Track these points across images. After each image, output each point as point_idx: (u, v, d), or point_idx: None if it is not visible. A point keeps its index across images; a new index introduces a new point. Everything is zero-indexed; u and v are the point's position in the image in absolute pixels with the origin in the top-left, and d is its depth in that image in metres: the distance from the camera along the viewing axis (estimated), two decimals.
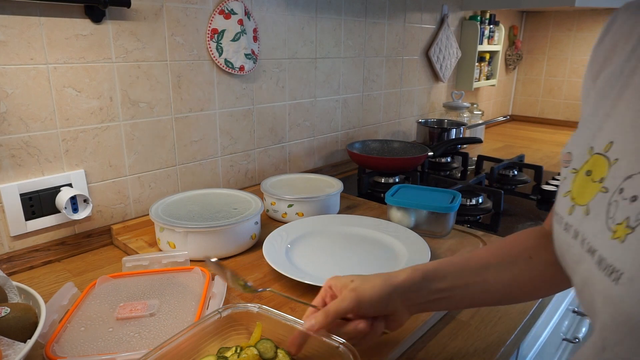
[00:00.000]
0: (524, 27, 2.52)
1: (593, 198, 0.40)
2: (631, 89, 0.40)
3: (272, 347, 0.54)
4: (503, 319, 0.70)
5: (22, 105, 0.81)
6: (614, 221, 0.37)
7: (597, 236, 0.39)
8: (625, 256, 0.35)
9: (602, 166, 0.40)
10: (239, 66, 1.13)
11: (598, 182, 0.40)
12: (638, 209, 0.35)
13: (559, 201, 0.46)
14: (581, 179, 0.43)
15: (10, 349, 0.51)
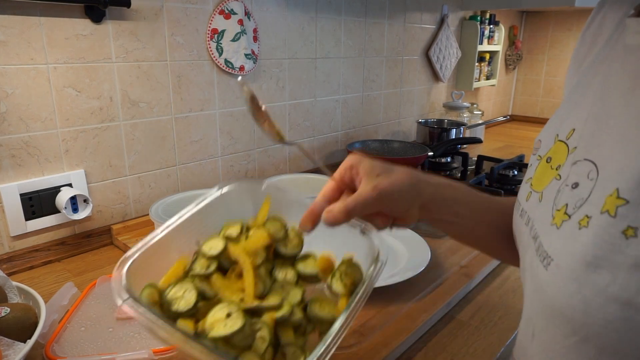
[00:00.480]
0: (524, 27, 2.52)
1: (548, 185, 0.40)
2: (599, 77, 0.40)
3: (282, 226, 0.49)
4: (503, 319, 0.70)
5: (22, 105, 0.81)
6: (556, 207, 0.37)
7: (542, 223, 0.38)
8: (557, 242, 0.35)
9: (562, 153, 0.40)
10: (239, 66, 1.13)
11: (555, 169, 0.39)
12: (577, 196, 0.35)
13: (521, 188, 0.45)
14: (542, 165, 0.42)
15: (10, 349, 0.51)
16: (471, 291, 0.78)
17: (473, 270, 0.80)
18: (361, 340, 0.61)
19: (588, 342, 0.33)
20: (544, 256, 0.36)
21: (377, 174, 0.47)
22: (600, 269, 0.31)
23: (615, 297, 0.30)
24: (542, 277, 0.36)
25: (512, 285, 0.80)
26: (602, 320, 0.31)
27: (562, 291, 0.33)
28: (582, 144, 0.37)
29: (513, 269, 0.86)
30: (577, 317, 0.32)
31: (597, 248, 0.31)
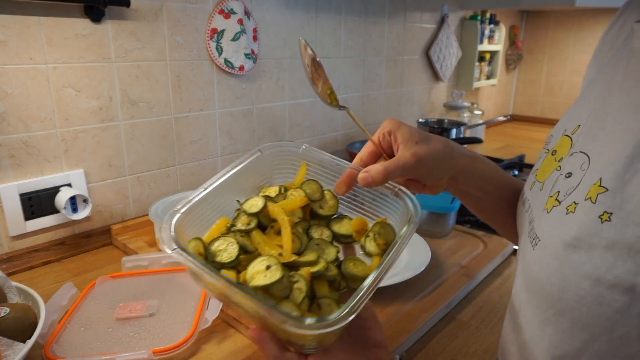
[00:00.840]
0: (524, 26, 2.52)
1: (550, 175, 0.42)
2: (607, 77, 0.42)
3: (318, 188, 0.51)
4: (503, 319, 0.70)
5: (22, 105, 0.81)
6: (550, 194, 0.40)
7: (537, 208, 0.42)
8: (545, 225, 0.38)
9: (565, 147, 0.42)
10: (238, 66, 1.13)
11: (557, 161, 0.42)
12: (569, 184, 0.37)
13: (528, 178, 0.48)
14: (548, 158, 0.45)
15: (9, 349, 0.51)
16: (471, 291, 0.78)
17: (473, 270, 0.80)
18: None
19: (563, 316, 0.36)
20: (533, 237, 0.40)
21: (416, 141, 0.50)
22: (578, 249, 0.34)
23: (588, 275, 0.33)
24: (529, 256, 0.40)
25: (512, 285, 0.80)
26: (576, 296, 0.34)
27: (544, 268, 0.37)
28: (581, 138, 0.40)
29: (513, 269, 0.86)
30: (555, 292, 0.36)
31: (578, 230, 0.34)
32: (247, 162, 0.54)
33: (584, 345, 0.35)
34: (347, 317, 0.37)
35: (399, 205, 0.50)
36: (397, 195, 0.51)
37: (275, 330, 0.42)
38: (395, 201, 0.51)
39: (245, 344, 0.63)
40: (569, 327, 0.35)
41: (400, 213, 0.50)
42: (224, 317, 0.68)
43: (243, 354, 0.61)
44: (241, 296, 0.38)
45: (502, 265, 0.87)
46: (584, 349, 0.35)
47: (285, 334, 0.40)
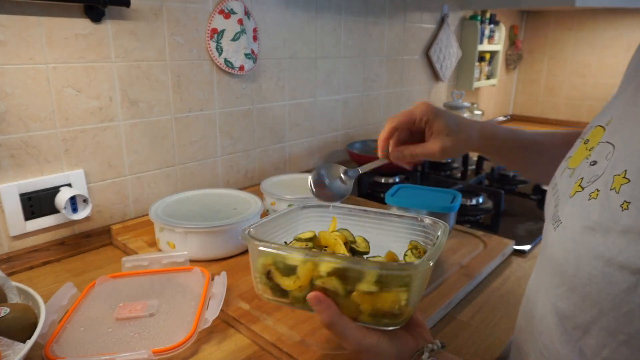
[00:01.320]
0: (524, 26, 2.52)
1: (580, 163, 0.45)
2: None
3: (350, 234, 0.58)
4: (503, 319, 0.70)
5: (22, 105, 0.81)
6: (575, 180, 0.43)
7: (564, 194, 0.44)
8: (568, 209, 0.42)
9: (597, 137, 0.44)
10: (238, 66, 1.13)
11: (589, 150, 0.44)
12: (593, 172, 0.40)
13: (560, 165, 0.51)
14: (581, 147, 0.47)
15: (9, 349, 0.51)
16: (471, 291, 0.78)
17: (473, 270, 0.80)
18: None
19: (575, 292, 0.39)
20: (556, 220, 0.43)
21: (447, 133, 0.59)
22: (595, 232, 0.37)
23: (601, 256, 0.36)
24: (550, 237, 0.43)
25: (513, 285, 0.80)
26: (588, 274, 0.37)
27: (562, 248, 0.40)
28: (611, 129, 0.42)
29: (513, 269, 0.86)
30: (569, 270, 0.39)
31: (598, 216, 0.37)
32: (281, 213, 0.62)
33: (592, 319, 0.38)
34: (427, 263, 0.44)
35: (424, 229, 0.59)
36: (422, 220, 0.59)
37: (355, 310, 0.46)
38: (420, 226, 0.59)
39: (245, 344, 0.63)
40: (579, 301, 0.39)
41: (426, 234, 0.59)
42: (224, 317, 0.68)
43: (243, 354, 0.61)
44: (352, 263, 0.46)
45: (502, 265, 0.87)
46: (593, 323, 0.38)
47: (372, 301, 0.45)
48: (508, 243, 0.91)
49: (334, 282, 0.46)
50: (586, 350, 0.40)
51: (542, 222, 1.11)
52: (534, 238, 0.98)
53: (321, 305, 0.45)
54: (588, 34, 2.32)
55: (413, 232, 0.59)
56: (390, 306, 0.45)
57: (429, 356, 0.44)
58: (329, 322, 0.45)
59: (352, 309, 0.47)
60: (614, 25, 2.23)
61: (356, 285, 0.46)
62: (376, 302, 0.45)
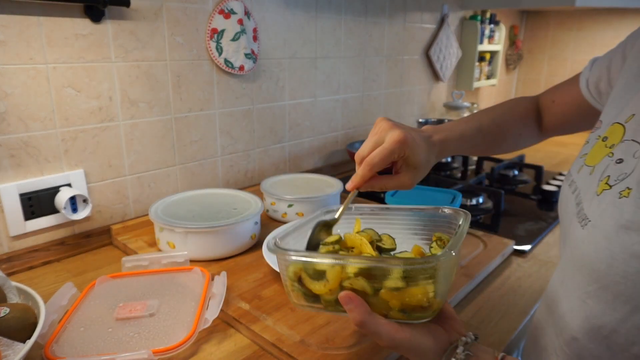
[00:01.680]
0: (524, 26, 2.52)
1: (601, 161, 0.45)
2: None
3: (374, 233, 0.59)
4: (503, 319, 0.70)
5: (22, 105, 0.81)
6: (600, 179, 0.43)
7: (587, 191, 0.45)
8: (596, 207, 0.42)
9: (618, 134, 0.45)
10: (238, 66, 1.13)
11: (609, 148, 0.45)
12: (620, 170, 0.41)
13: (576, 162, 0.52)
14: (598, 144, 0.48)
15: (9, 349, 0.51)
16: (471, 291, 0.78)
17: (473, 270, 0.80)
18: (361, 340, 0.60)
19: (606, 290, 0.39)
20: (583, 217, 0.43)
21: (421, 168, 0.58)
22: (631, 231, 0.37)
23: (637, 254, 0.36)
24: (578, 235, 0.43)
25: (512, 285, 0.80)
26: (623, 272, 0.37)
27: (593, 246, 0.40)
28: (634, 127, 0.43)
29: (513, 269, 0.86)
30: (602, 268, 0.39)
31: (633, 214, 0.37)
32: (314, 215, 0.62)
33: (624, 316, 0.38)
34: (450, 254, 0.44)
35: (446, 219, 0.59)
36: (443, 211, 0.59)
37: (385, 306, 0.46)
38: (442, 217, 0.60)
39: (245, 344, 0.63)
40: (612, 299, 0.39)
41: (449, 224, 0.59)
42: (224, 317, 0.68)
43: (243, 354, 0.61)
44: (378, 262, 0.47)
45: (502, 265, 0.87)
46: (624, 320, 0.38)
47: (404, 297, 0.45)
48: (508, 243, 0.91)
49: (361, 282, 0.47)
50: (614, 347, 0.40)
51: (542, 222, 1.11)
52: (534, 238, 0.98)
53: (352, 303, 0.45)
54: (588, 34, 2.32)
55: (435, 224, 0.60)
56: (419, 300, 0.46)
57: (464, 350, 0.44)
58: (361, 321, 0.45)
59: (382, 306, 0.47)
60: (614, 25, 2.23)
61: (383, 283, 0.46)
62: (404, 297, 0.46)
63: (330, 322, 0.64)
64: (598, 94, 0.61)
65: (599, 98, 0.61)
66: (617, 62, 0.57)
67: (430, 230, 0.59)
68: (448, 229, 0.58)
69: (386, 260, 0.49)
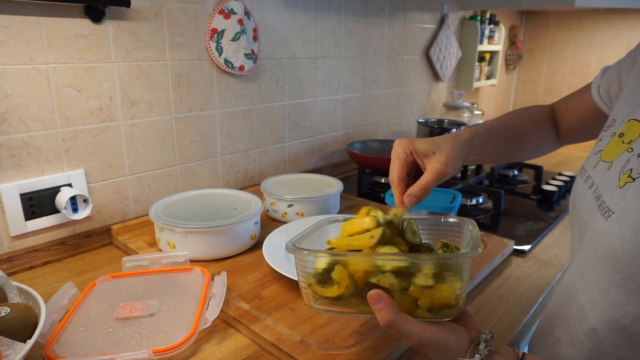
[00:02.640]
0: (524, 27, 2.52)
1: (618, 157, 0.46)
2: None
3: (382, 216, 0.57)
4: (503, 319, 0.70)
5: (22, 105, 0.81)
6: (622, 172, 0.44)
7: (607, 185, 0.45)
8: (620, 199, 0.43)
9: (635, 130, 0.46)
10: (238, 66, 1.13)
11: (627, 144, 0.46)
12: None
13: (589, 158, 0.52)
14: (615, 140, 0.48)
15: (10, 349, 0.51)
16: (471, 291, 0.78)
17: (473, 270, 0.80)
18: (361, 340, 0.61)
19: (632, 280, 0.40)
20: (605, 210, 0.44)
21: (433, 152, 0.59)
22: None
23: None
24: (601, 227, 0.44)
25: (512, 285, 0.80)
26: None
27: (619, 237, 0.41)
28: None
29: (513, 269, 0.86)
30: (627, 258, 0.40)
31: None
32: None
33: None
34: (477, 250, 0.46)
35: (450, 227, 0.60)
36: (446, 219, 0.60)
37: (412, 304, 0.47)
38: (445, 225, 0.60)
39: (245, 344, 0.63)
40: (636, 289, 0.40)
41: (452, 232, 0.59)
42: (224, 317, 0.68)
43: (243, 354, 0.61)
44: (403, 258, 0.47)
45: (502, 265, 0.87)
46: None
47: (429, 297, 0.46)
48: (508, 243, 0.91)
49: (389, 279, 0.46)
50: (634, 337, 0.41)
51: (541, 222, 1.11)
52: (534, 238, 0.98)
53: (381, 302, 0.45)
54: (588, 34, 2.32)
55: (439, 232, 0.60)
56: (447, 297, 0.46)
57: (485, 346, 0.45)
58: (390, 320, 0.44)
59: (408, 304, 0.47)
60: (614, 25, 2.23)
61: (412, 280, 0.46)
62: (434, 295, 0.46)
63: (330, 322, 0.65)
64: (609, 99, 0.63)
65: (610, 104, 0.63)
66: (627, 67, 0.58)
67: (434, 239, 0.60)
68: (451, 236, 0.58)
69: (418, 256, 0.48)
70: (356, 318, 0.65)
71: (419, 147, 0.59)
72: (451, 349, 0.45)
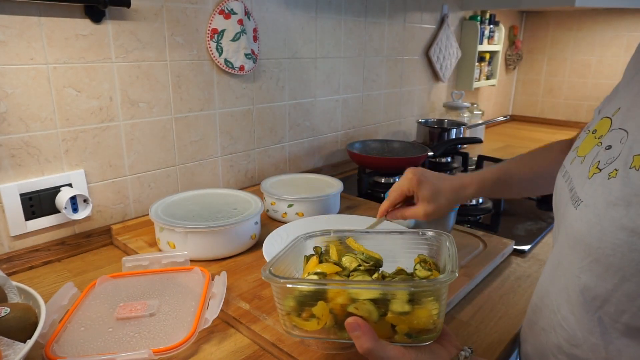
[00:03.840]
0: (524, 27, 2.52)
1: (590, 151, 0.48)
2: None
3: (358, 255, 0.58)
4: (503, 319, 0.70)
5: (22, 105, 0.81)
6: (591, 164, 0.46)
7: (579, 177, 0.48)
8: (588, 189, 0.45)
9: (605, 126, 0.48)
10: (238, 66, 1.13)
11: (598, 139, 0.48)
12: (609, 155, 0.44)
13: (568, 155, 0.55)
14: (588, 137, 0.51)
15: (10, 349, 0.51)
16: (471, 291, 0.78)
17: (473, 270, 0.80)
18: None
19: (598, 262, 0.42)
20: (576, 200, 0.46)
21: (428, 201, 0.69)
22: (618, 206, 0.40)
23: (624, 227, 0.39)
24: (572, 215, 0.46)
25: (512, 285, 0.80)
26: (612, 244, 0.40)
27: (585, 223, 0.43)
28: (620, 117, 0.46)
29: (513, 269, 0.86)
30: (594, 242, 0.42)
31: (620, 192, 0.40)
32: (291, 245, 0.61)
33: (614, 287, 0.41)
34: (454, 274, 0.46)
35: (427, 241, 0.61)
36: (424, 234, 0.62)
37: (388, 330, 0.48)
38: (423, 239, 0.62)
39: (245, 343, 0.63)
40: (603, 271, 0.42)
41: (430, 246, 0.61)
42: (224, 317, 0.68)
43: (243, 354, 0.61)
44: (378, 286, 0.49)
45: (502, 265, 0.88)
46: (614, 290, 0.41)
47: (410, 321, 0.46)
48: (508, 243, 0.91)
49: (367, 306, 0.46)
50: (605, 318, 0.43)
51: (541, 222, 1.11)
52: (534, 238, 0.98)
53: (359, 330, 0.45)
54: (588, 34, 2.32)
55: (417, 246, 0.61)
56: (425, 322, 0.46)
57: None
58: (369, 348, 0.45)
59: (387, 330, 0.47)
60: (614, 25, 2.23)
61: (389, 307, 0.46)
62: (411, 320, 0.46)
63: None
64: None
65: None
66: None
67: (412, 252, 0.60)
68: (429, 250, 0.59)
69: (392, 284, 0.49)
70: None
71: (422, 194, 0.70)
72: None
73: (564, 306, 0.49)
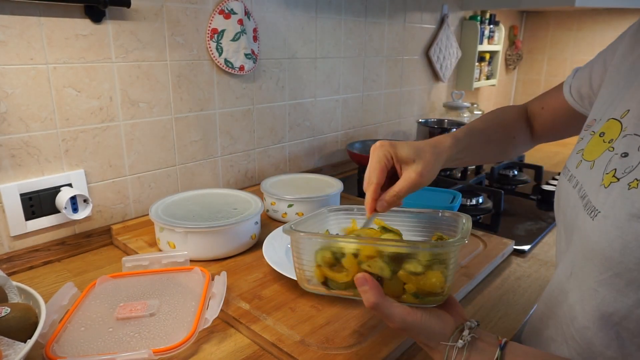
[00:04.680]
0: (524, 27, 2.52)
1: (600, 155, 0.47)
2: None
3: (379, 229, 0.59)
4: (503, 319, 0.70)
5: (22, 105, 0.81)
6: (606, 172, 0.45)
7: (591, 185, 0.46)
8: (605, 199, 0.43)
9: (615, 129, 0.46)
10: (238, 66, 1.13)
11: (608, 143, 0.46)
12: (627, 163, 0.42)
13: (571, 157, 0.53)
14: (595, 139, 0.49)
15: (10, 349, 0.51)
16: (471, 291, 0.78)
17: (473, 270, 0.80)
18: (361, 340, 0.61)
19: (620, 277, 0.41)
20: (591, 209, 0.44)
21: (413, 158, 0.58)
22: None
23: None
24: (588, 226, 0.44)
25: (512, 285, 0.80)
26: (636, 259, 0.39)
27: (606, 236, 0.42)
28: (633, 122, 0.44)
29: (513, 269, 0.86)
30: (615, 256, 0.41)
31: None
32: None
33: (635, 303, 0.40)
34: (464, 239, 0.48)
35: (445, 221, 0.62)
36: (443, 214, 0.62)
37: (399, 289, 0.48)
38: (441, 219, 0.62)
39: (245, 343, 0.63)
40: (624, 286, 0.41)
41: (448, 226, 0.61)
42: (224, 317, 0.68)
43: (243, 353, 0.61)
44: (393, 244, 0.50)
45: (502, 265, 0.88)
46: (635, 306, 0.40)
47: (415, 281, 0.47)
48: (508, 243, 0.91)
49: (379, 263, 0.48)
50: (623, 333, 0.42)
51: (541, 222, 1.11)
52: (534, 238, 0.98)
53: (367, 285, 0.46)
54: (588, 34, 2.32)
55: (434, 225, 0.62)
56: (433, 285, 0.48)
57: (469, 333, 0.46)
58: (375, 302, 0.46)
59: (395, 289, 0.49)
60: (614, 26, 2.23)
61: (403, 266, 0.48)
62: (420, 281, 0.48)
63: (330, 322, 0.65)
64: (580, 98, 0.66)
65: (581, 102, 0.66)
66: (598, 69, 0.61)
67: (429, 232, 0.61)
68: (447, 230, 0.59)
69: (415, 243, 0.51)
70: (356, 318, 0.65)
71: (401, 154, 0.58)
72: (435, 334, 0.47)
73: (578, 319, 0.47)
